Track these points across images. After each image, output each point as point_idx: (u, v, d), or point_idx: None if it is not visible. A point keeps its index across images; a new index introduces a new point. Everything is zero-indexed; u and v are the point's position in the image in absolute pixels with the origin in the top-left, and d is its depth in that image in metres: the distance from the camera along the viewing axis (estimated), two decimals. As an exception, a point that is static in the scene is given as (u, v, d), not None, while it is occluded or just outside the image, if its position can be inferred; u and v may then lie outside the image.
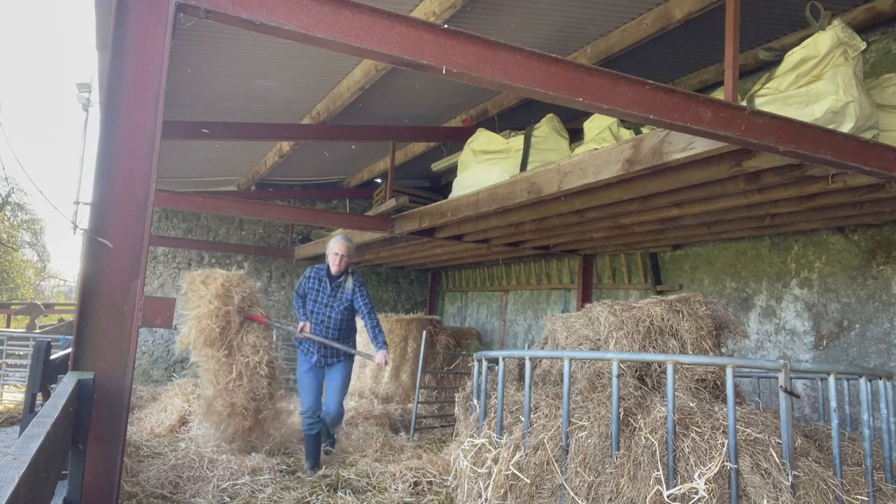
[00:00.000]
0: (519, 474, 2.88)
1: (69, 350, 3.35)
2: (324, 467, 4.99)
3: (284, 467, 5.03)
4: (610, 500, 2.57)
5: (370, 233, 7.09)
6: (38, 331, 10.47)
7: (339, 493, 4.41)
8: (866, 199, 4.06)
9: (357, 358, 5.53)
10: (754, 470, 2.42)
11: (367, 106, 6.06)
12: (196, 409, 6.58)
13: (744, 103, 3.28)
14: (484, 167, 5.51)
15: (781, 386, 2.52)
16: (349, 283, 5.21)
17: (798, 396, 4.04)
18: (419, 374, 6.79)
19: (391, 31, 2.05)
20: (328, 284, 5.17)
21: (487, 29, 4.56)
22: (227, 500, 4.22)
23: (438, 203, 5.99)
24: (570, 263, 8.25)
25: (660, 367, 3.27)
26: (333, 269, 5.12)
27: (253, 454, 5.16)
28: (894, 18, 4.64)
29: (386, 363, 5.13)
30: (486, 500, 3.06)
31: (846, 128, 3.17)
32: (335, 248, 5.16)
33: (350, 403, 6.90)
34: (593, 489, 2.64)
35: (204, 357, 5.30)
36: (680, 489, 2.41)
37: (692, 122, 2.62)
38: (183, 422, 6.45)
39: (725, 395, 2.57)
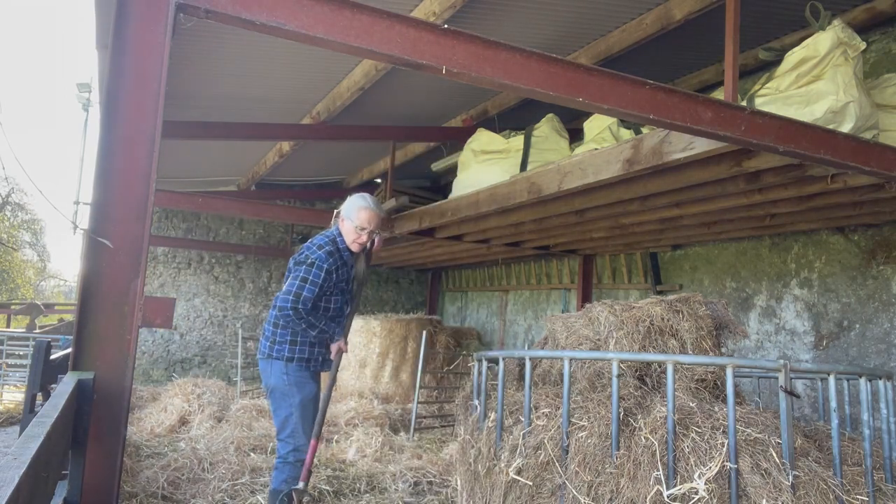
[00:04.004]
0: (518, 477, 2.88)
1: (69, 350, 3.35)
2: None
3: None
4: (610, 499, 2.57)
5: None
6: (38, 331, 10.46)
7: (340, 494, 4.42)
8: (866, 199, 4.06)
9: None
10: (754, 470, 2.42)
11: (367, 106, 6.06)
12: (196, 408, 6.58)
13: (744, 103, 3.28)
14: (484, 167, 5.51)
15: (781, 386, 2.52)
16: (361, 262, 3.78)
17: (798, 396, 4.04)
18: (419, 374, 6.78)
19: (391, 31, 2.05)
20: (349, 263, 3.63)
21: (487, 29, 4.56)
22: (227, 500, 4.22)
23: (438, 203, 5.99)
24: (570, 263, 8.25)
25: (660, 367, 3.27)
26: (355, 248, 3.59)
27: (253, 454, 5.16)
28: (894, 18, 4.64)
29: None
30: (486, 500, 3.06)
31: (846, 128, 3.17)
32: (364, 218, 3.53)
33: (350, 403, 6.90)
34: (593, 489, 2.64)
35: None
36: (680, 489, 2.41)
37: (692, 122, 2.61)
38: (183, 422, 6.45)
39: (725, 395, 2.57)
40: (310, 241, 3.59)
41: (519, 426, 3.09)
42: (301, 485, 3.33)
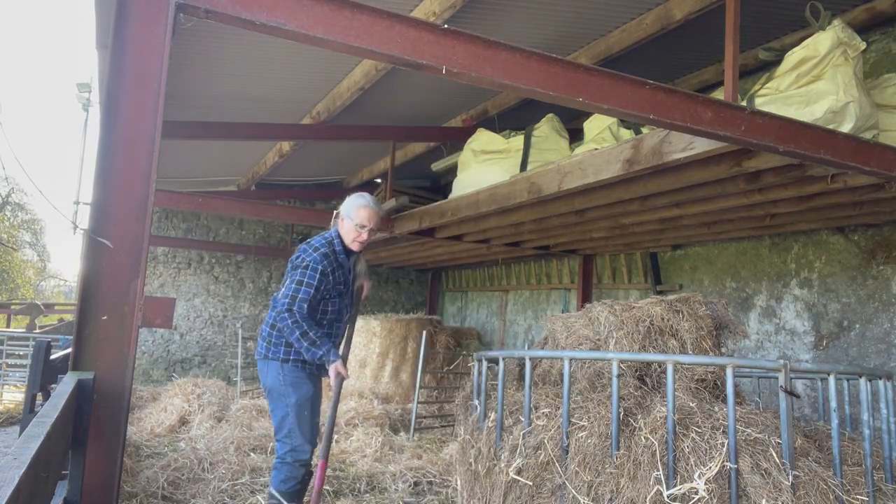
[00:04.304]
0: (518, 477, 2.88)
1: (69, 350, 3.35)
2: None
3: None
4: (610, 500, 2.57)
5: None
6: (38, 331, 10.47)
7: (340, 494, 4.41)
8: (866, 199, 4.06)
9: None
10: (754, 470, 2.42)
11: (367, 106, 6.06)
12: (196, 408, 6.58)
13: (744, 103, 3.28)
14: (484, 167, 5.51)
15: (781, 386, 2.52)
16: (361, 263, 3.76)
17: (798, 396, 4.05)
18: (419, 374, 6.78)
19: (391, 31, 2.05)
20: (345, 265, 3.57)
21: (487, 29, 4.56)
22: (227, 500, 4.22)
23: (438, 203, 5.99)
24: (570, 263, 8.25)
25: (660, 367, 3.27)
26: (355, 247, 3.55)
27: (253, 454, 5.16)
28: (894, 18, 4.64)
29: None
30: (486, 500, 3.06)
31: (846, 128, 3.17)
32: (363, 216, 3.50)
33: (350, 404, 6.90)
34: (593, 489, 2.64)
35: None
36: (680, 489, 2.41)
37: (692, 122, 2.61)
38: (183, 422, 6.45)
39: (725, 395, 2.57)
40: (306, 242, 3.58)
41: (519, 426, 3.09)
42: None
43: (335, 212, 3.68)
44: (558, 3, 4.38)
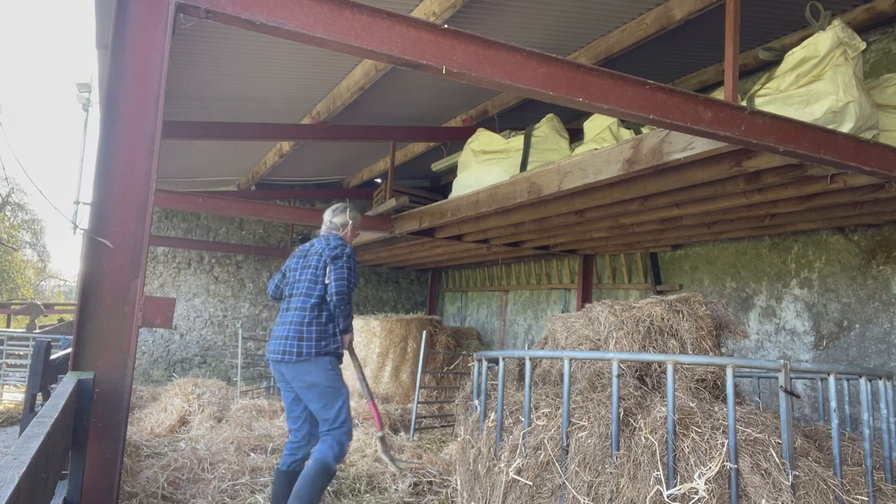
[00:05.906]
0: (518, 477, 2.88)
1: (69, 350, 3.36)
2: None
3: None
4: (610, 500, 2.57)
5: (370, 233, 7.09)
6: (38, 331, 10.46)
7: (340, 494, 4.41)
8: (866, 199, 4.05)
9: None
10: (754, 470, 2.42)
11: (367, 106, 6.06)
12: (196, 408, 6.59)
13: (744, 103, 3.28)
14: (484, 167, 5.51)
15: (781, 386, 2.52)
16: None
17: (798, 396, 4.04)
18: (419, 374, 6.78)
19: (391, 31, 2.05)
20: None
21: (487, 29, 4.57)
22: (227, 500, 4.22)
23: (438, 203, 5.99)
24: (570, 263, 8.26)
25: (660, 367, 3.27)
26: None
27: (253, 454, 5.16)
28: (894, 18, 4.64)
29: None
30: (486, 500, 3.06)
31: (846, 128, 3.17)
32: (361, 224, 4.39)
33: (350, 404, 6.89)
34: (593, 489, 2.64)
35: None
36: (680, 489, 2.41)
37: (692, 122, 2.61)
38: (183, 422, 6.45)
39: (725, 395, 2.57)
40: (325, 238, 3.83)
41: (519, 426, 3.09)
42: (381, 433, 4.29)
43: (345, 220, 4.04)
44: (558, 3, 4.38)
